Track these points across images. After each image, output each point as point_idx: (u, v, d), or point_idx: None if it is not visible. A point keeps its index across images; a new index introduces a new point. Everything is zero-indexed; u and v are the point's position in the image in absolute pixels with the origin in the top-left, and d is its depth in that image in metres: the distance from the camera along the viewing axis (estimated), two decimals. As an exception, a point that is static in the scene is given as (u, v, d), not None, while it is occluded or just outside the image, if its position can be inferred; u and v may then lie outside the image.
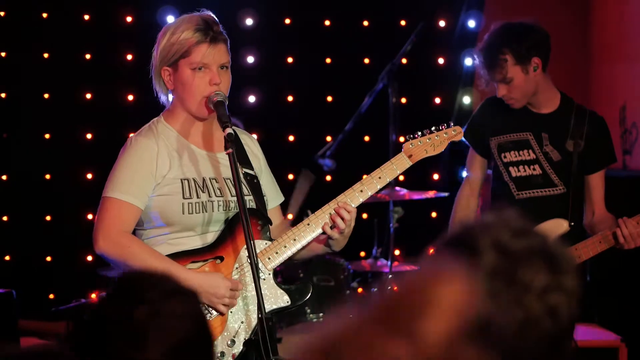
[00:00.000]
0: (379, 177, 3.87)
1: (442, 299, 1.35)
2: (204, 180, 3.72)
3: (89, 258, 7.07)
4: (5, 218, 7.27)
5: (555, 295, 1.56)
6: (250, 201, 3.72)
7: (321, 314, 5.99)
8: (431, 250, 1.79)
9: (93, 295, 6.00)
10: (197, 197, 3.68)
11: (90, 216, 7.05)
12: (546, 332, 1.55)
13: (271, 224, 3.80)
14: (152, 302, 1.94)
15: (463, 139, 4.51)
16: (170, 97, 3.81)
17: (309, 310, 5.96)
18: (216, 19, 3.76)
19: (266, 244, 3.76)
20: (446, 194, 6.28)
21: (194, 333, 1.96)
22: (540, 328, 1.54)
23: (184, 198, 3.66)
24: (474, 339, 1.45)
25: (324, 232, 3.77)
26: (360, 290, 6.89)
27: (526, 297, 1.54)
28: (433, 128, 3.99)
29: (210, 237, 3.72)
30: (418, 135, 3.97)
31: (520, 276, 1.55)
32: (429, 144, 3.97)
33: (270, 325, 3.51)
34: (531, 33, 4.60)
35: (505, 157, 4.72)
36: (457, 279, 1.36)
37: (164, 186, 3.67)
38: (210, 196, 3.70)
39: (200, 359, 1.98)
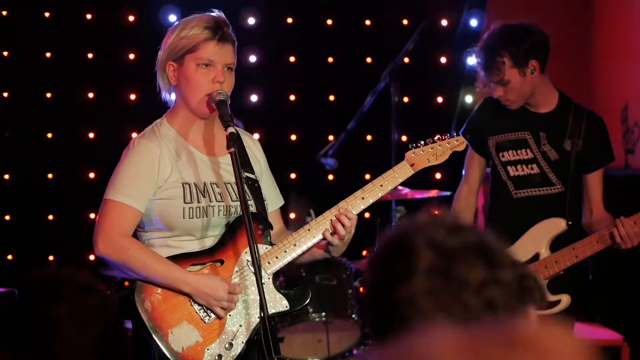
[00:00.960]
0: (381, 185, 3.87)
1: None
2: (204, 185, 3.72)
3: (91, 257, 7.07)
4: (7, 217, 7.27)
5: (492, 289, 1.57)
6: (250, 205, 3.72)
7: (323, 313, 5.99)
8: (365, 253, 1.81)
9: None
10: (198, 201, 3.68)
11: (92, 215, 7.06)
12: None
13: (272, 228, 3.81)
14: (70, 298, 1.97)
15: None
16: (173, 95, 3.81)
17: (311, 310, 5.96)
18: (227, 21, 3.77)
19: (267, 248, 3.76)
20: (448, 193, 6.28)
21: (110, 326, 2.00)
22: (479, 322, 1.54)
23: (184, 202, 3.67)
24: None
25: (324, 238, 3.78)
26: (362, 289, 6.89)
27: (464, 293, 1.56)
28: (436, 137, 3.99)
29: (210, 242, 3.72)
30: (421, 145, 3.97)
31: (457, 272, 1.57)
32: (431, 154, 3.97)
33: (272, 325, 3.51)
34: (530, 36, 4.59)
35: (503, 156, 4.73)
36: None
37: (165, 190, 3.67)
38: (210, 201, 3.70)
39: (117, 352, 2.00)
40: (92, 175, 7.26)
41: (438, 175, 7.47)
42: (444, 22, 7.56)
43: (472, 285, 1.56)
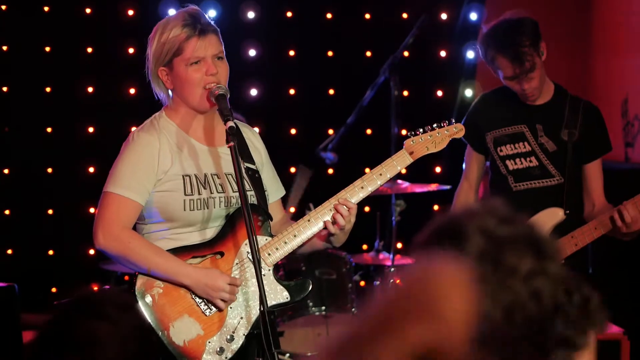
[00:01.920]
0: (380, 174, 3.87)
1: (447, 311, 1.37)
2: (205, 176, 3.72)
3: (91, 252, 7.07)
4: (7, 212, 7.27)
5: (539, 280, 1.60)
6: (251, 196, 3.72)
7: (323, 307, 5.99)
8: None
9: (95, 289, 6.00)
10: (199, 193, 3.68)
11: (92, 210, 7.05)
12: (531, 316, 1.57)
13: (272, 219, 3.80)
14: (111, 317, 2.01)
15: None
16: (171, 93, 3.81)
17: (311, 304, 5.96)
18: (202, 11, 3.76)
19: (266, 239, 3.75)
20: (448, 187, 6.28)
21: (144, 343, 2.05)
22: (525, 312, 1.57)
23: (185, 195, 3.66)
24: (477, 342, 1.46)
25: (324, 228, 3.77)
26: (362, 283, 6.89)
27: (512, 280, 1.58)
28: (435, 125, 3.98)
29: (210, 233, 3.72)
30: (419, 132, 3.96)
31: (506, 260, 1.59)
32: (430, 141, 3.96)
33: (271, 319, 3.51)
34: (528, 21, 4.61)
35: (501, 150, 4.74)
36: (458, 283, 1.37)
37: (166, 182, 3.67)
38: (211, 192, 3.70)
39: None
40: (91, 169, 7.25)
41: (438, 169, 7.47)
42: (444, 16, 7.55)
43: (521, 274, 1.59)
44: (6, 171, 7.24)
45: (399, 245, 6.79)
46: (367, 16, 7.57)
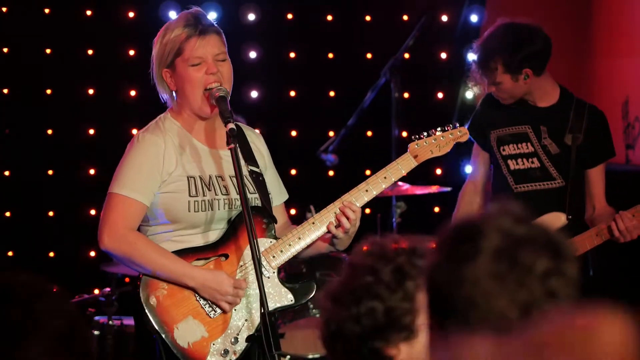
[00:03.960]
0: (384, 177, 3.87)
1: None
2: (209, 178, 3.72)
3: (92, 254, 7.07)
4: (7, 214, 7.26)
5: (556, 280, 1.61)
6: (255, 199, 3.72)
7: (324, 309, 5.98)
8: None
9: (96, 291, 5.99)
10: (203, 195, 3.68)
11: (93, 212, 7.05)
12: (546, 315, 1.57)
13: (276, 222, 3.80)
14: (24, 302, 1.95)
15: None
16: (175, 96, 3.81)
17: (312, 306, 5.95)
18: (204, 13, 3.77)
19: (271, 242, 3.75)
20: (449, 189, 6.28)
21: (69, 329, 1.98)
22: (540, 311, 1.58)
23: (190, 196, 3.66)
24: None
25: (329, 231, 3.77)
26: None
27: (528, 279, 1.59)
28: (439, 128, 3.98)
29: (214, 235, 3.72)
30: (424, 136, 3.96)
31: (523, 259, 1.60)
32: (434, 145, 3.96)
33: (272, 321, 3.51)
34: (528, 45, 4.56)
35: (504, 150, 4.74)
36: (617, 331, 1.35)
37: (170, 183, 3.67)
38: (215, 194, 3.70)
39: (78, 355, 2.00)
40: (92, 171, 7.25)
41: (439, 171, 7.47)
42: (444, 18, 7.55)
43: (537, 273, 1.60)
44: (7, 173, 7.24)
45: (400, 247, 6.78)
46: (368, 18, 7.57)
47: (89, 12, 7.26)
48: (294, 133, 7.55)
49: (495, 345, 1.46)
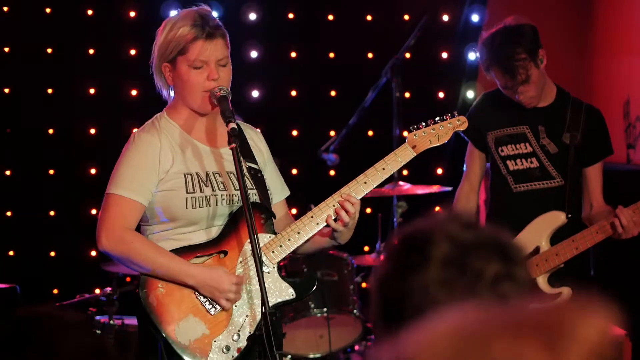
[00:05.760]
0: (383, 169, 3.86)
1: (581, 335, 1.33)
2: (207, 174, 3.72)
3: (93, 253, 7.07)
4: (8, 213, 7.27)
5: (506, 284, 1.59)
6: (253, 195, 3.72)
7: (325, 309, 5.99)
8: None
9: (97, 291, 5.99)
10: (201, 191, 3.67)
11: (94, 211, 7.06)
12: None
13: (275, 217, 3.79)
14: (45, 344, 1.87)
15: (462, 134, 4.53)
16: (172, 92, 3.81)
17: (312, 305, 5.96)
18: (213, 13, 3.75)
19: (270, 237, 3.75)
20: (450, 189, 6.28)
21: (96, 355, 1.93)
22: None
23: (187, 192, 3.66)
24: None
25: (328, 225, 3.76)
26: (364, 285, 6.89)
27: (478, 285, 1.58)
28: (437, 118, 3.97)
29: (214, 232, 3.71)
30: (422, 126, 3.95)
31: (472, 265, 1.59)
32: (433, 135, 3.95)
33: (274, 320, 3.51)
34: (527, 29, 4.59)
35: (502, 150, 4.74)
36: (600, 318, 1.34)
37: (167, 181, 3.67)
38: (213, 190, 3.70)
39: None
40: (93, 171, 7.26)
41: (440, 171, 7.47)
42: (445, 18, 7.56)
43: (487, 278, 1.58)
44: (8, 172, 7.25)
45: (401, 246, 6.79)
46: (369, 18, 7.57)
47: (90, 12, 7.27)
48: (295, 132, 7.55)
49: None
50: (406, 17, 7.52)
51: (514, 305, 1.34)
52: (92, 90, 7.29)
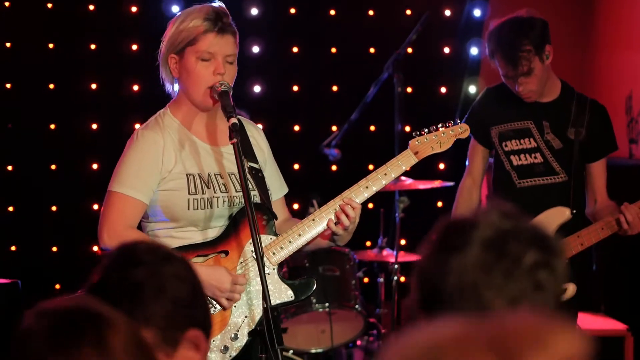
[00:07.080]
0: (385, 174, 3.87)
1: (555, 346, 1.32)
2: (208, 175, 3.71)
3: (95, 248, 7.08)
4: (10, 208, 7.27)
5: (543, 273, 1.62)
6: (254, 196, 3.72)
7: (327, 304, 5.99)
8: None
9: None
10: (202, 192, 3.67)
11: (95, 207, 7.06)
12: (533, 307, 1.60)
13: (276, 218, 3.81)
14: (149, 264, 2.04)
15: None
16: (176, 86, 3.81)
17: (314, 301, 5.96)
18: (227, 12, 3.75)
19: (271, 238, 3.75)
20: (452, 184, 6.27)
21: (191, 296, 2.05)
22: (527, 303, 1.60)
23: (189, 194, 3.66)
24: None
25: (328, 227, 3.77)
26: (366, 280, 6.89)
27: (517, 270, 1.61)
28: (440, 125, 3.97)
29: (213, 233, 3.72)
30: (424, 132, 3.96)
31: (511, 251, 1.62)
32: (435, 141, 3.95)
33: (275, 316, 3.51)
34: (537, 22, 4.59)
35: (506, 145, 4.73)
36: (571, 332, 1.34)
37: (170, 181, 3.67)
38: (215, 192, 3.70)
39: (198, 320, 2.05)
40: (95, 166, 7.26)
41: (442, 166, 7.46)
42: (448, 12, 7.54)
43: (525, 265, 1.62)
44: (10, 168, 7.25)
45: (403, 242, 6.80)
46: (371, 13, 7.56)
47: (91, 7, 7.26)
48: (296, 128, 7.55)
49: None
50: (408, 12, 7.51)
51: (490, 321, 1.34)
52: (93, 86, 7.29)
